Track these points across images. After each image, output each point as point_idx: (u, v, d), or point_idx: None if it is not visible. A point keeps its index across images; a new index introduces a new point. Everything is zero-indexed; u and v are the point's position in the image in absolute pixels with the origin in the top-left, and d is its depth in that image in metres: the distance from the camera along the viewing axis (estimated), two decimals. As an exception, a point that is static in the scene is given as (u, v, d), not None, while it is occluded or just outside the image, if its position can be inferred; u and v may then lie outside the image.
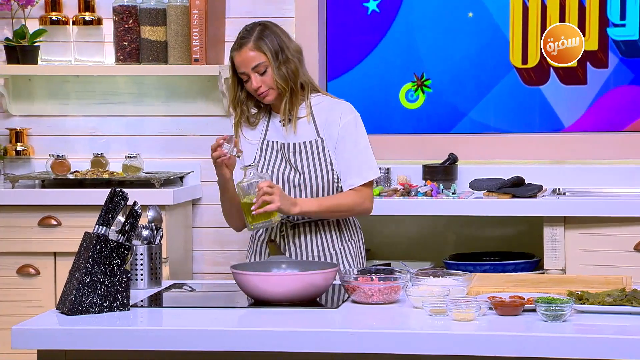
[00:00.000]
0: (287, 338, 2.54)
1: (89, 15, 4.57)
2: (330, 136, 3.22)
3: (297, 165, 3.21)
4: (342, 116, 3.23)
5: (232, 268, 2.88)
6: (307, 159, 3.21)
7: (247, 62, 3.18)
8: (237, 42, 3.22)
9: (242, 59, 3.18)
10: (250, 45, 3.18)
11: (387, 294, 2.80)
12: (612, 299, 2.67)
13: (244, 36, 3.21)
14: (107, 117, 4.66)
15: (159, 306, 2.88)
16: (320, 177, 3.21)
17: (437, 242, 4.52)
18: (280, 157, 3.24)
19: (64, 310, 2.73)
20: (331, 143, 3.23)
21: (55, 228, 4.29)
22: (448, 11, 4.61)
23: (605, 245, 4.07)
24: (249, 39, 3.19)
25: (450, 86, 4.62)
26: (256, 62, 3.18)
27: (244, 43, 3.20)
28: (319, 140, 3.22)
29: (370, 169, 3.24)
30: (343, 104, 3.27)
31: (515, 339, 2.48)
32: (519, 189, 4.20)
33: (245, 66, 3.18)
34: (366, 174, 3.23)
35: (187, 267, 4.59)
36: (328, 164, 3.21)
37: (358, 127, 3.25)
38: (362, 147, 3.23)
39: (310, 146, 3.22)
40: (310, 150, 3.21)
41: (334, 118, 3.22)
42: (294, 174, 3.21)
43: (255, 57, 3.18)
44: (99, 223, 2.78)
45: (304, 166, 3.20)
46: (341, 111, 3.24)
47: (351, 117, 3.24)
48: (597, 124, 4.57)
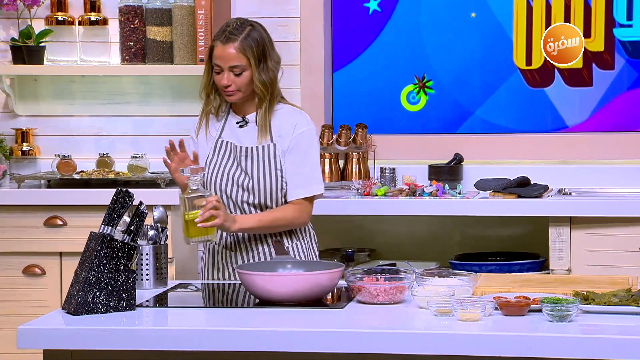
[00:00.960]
0: (293, 338, 2.54)
1: (94, 16, 4.58)
2: (283, 144, 3.21)
3: (247, 169, 3.21)
4: (296, 126, 3.20)
5: (238, 268, 2.88)
6: (257, 164, 3.20)
7: (227, 58, 3.15)
8: (225, 34, 3.15)
9: (224, 53, 3.14)
10: (237, 45, 3.14)
11: (392, 294, 2.79)
12: (618, 299, 2.66)
13: (232, 32, 3.16)
14: (112, 117, 4.67)
15: (164, 306, 2.89)
16: (269, 183, 3.20)
17: (443, 242, 4.52)
18: (232, 159, 3.23)
19: (69, 310, 2.74)
20: (283, 151, 3.21)
21: (61, 228, 4.30)
22: (450, 11, 4.59)
23: (611, 246, 4.06)
24: (237, 37, 3.15)
25: (452, 88, 4.61)
26: (236, 62, 3.15)
27: (231, 39, 3.14)
28: (272, 145, 3.20)
29: (316, 184, 3.22)
30: (300, 115, 3.24)
31: (521, 339, 2.47)
32: (524, 189, 4.19)
33: (224, 61, 3.15)
34: (311, 188, 3.21)
35: (193, 267, 4.59)
36: (278, 171, 3.20)
37: (311, 140, 3.22)
38: (311, 161, 3.21)
39: (262, 151, 3.20)
40: (261, 155, 3.20)
41: (288, 127, 3.21)
42: (244, 177, 3.21)
43: (237, 57, 3.15)
44: (105, 223, 2.78)
45: (253, 170, 3.20)
46: (296, 121, 3.21)
47: (305, 128, 3.21)
48: (603, 127, 4.54)
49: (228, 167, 3.25)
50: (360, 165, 4.53)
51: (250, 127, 3.25)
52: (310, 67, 4.58)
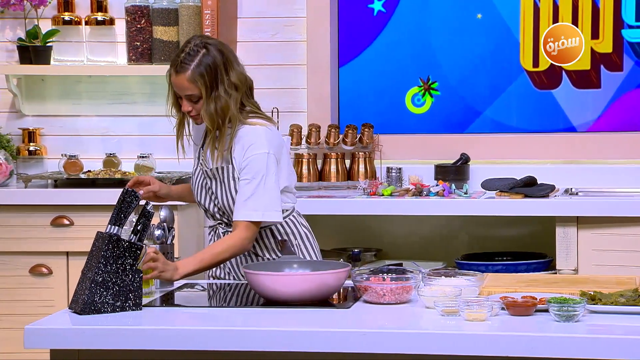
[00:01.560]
0: (299, 338, 2.54)
1: (101, 16, 4.58)
2: (237, 163, 3.13)
3: (209, 189, 3.19)
4: (250, 148, 3.08)
5: (244, 268, 2.88)
6: (219, 184, 3.17)
7: (181, 88, 3.11)
8: (177, 62, 3.07)
9: (177, 83, 3.10)
10: (188, 75, 3.05)
11: (399, 294, 2.79)
12: (625, 299, 2.66)
13: (185, 59, 3.06)
14: (119, 117, 4.67)
15: (171, 306, 2.89)
16: (228, 203, 3.14)
17: (449, 242, 4.51)
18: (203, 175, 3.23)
19: (76, 310, 2.74)
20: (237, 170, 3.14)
21: (68, 228, 4.30)
22: (456, 13, 4.56)
23: (618, 245, 4.05)
24: (189, 67, 3.05)
25: (458, 90, 4.59)
26: (189, 92, 3.10)
27: (183, 69, 3.06)
28: (230, 167, 3.13)
29: (253, 211, 3.05)
30: (257, 136, 3.09)
31: (527, 339, 2.47)
32: (531, 189, 4.19)
33: (179, 90, 3.12)
34: (246, 213, 3.05)
35: (199, 266, 4.59)
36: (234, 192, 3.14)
37: (262, 162, 3.07)
38: (255, 185, 3.06)
39: (221, 172, 3.15)
40: (220, 176, 3.16)
41: (242, 147, 3.09)
42: (207, 198, 3.20)
43: (190, 88, 3.09)
44: (112, 223, 2.78)
45: (217, 191, 3.17)
46: (251, 142, 3.08)
47: (260, 152, 3.07)
48: (610, 127, 4.51)
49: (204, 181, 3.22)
50: (366, 165, 4.53)
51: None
52: (316, 66, 4.58)
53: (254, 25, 4.60)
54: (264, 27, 4.59)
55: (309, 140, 4.46)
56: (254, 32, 4.60)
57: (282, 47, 4.59)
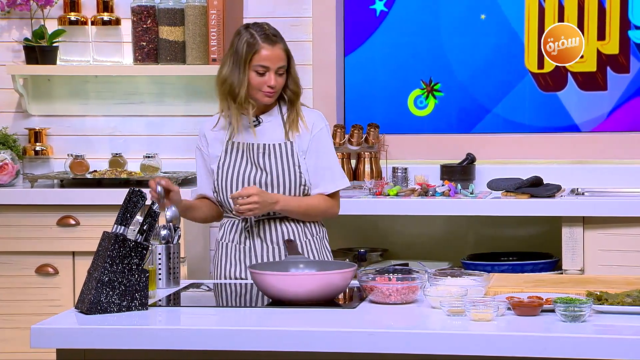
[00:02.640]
0: (305, 338, 2.54)
1: (107, 16, 4.59)
2: (301, 142, 3.28)
3: (265, 166, 3.26)
4: (314, 125, 3.29)
5: (250, 268, 2.88)
6: (276, 161, 3.26)
7: (277, 59, 3.23)
8: (268, 37, 3.24)
9: (273, 54, 3.23)
10: (282, 46, 3.25)
11: (405, 294, 2.79)
12: (631, 299, 2.65)
13: (275, 34, 3.26)
14: (126, 117, 4.67)
15: (177, 306, 2.89)
16: (288, 179, 3.25)
17: (455, 242, 4.51)
18: (245, 159, 3.27)
19: (82, 310, 2.74)
20: (301, 148, 3.29)
21: (74, 227, 4.31)
22: (460, 13, 4.54)
23: (624, 246, 4.05)
24: (281, 40, 3.26)
25: (462, 91, 4.57)
26: (282, 64, 3.24)
27: (277, 41, 3.25)
28: (289, 143, 3.27)
29: (342, 178, 3.33)
30: (314, 113, 3.34)
31: (533, 339, 2.47)
32: (537, 189, 4.18)
33: (273, 62, 3.23)
34: (339, 183, 3.31)
35: (205, 266, 4.59)
36: (297, 167, 3.26)
37: (328, 137, 3.33)
38: (333, 157, 3.32)
39: (280, 148, 3.27)
40: (280, 153, 3.27)
41: (309, 122, 3.29)
42: (261, 174, 3.25)
43: (283, 59, 3.25)
44: (118, 223, 2.79)
45: (272, 167, 3.26)
46: (313, 120, 3.30)
47: (323, 125, 3.31)
48: (616, 127, 4.49)
49: (242, 167, 3.28)
50: (372, 165, 4.52)
51: (264, 126, 3.29)
52: (322, 66, 4.58)
53: (260, 25, 4.60)
54: (270, 27, 4.59)
55: (315, 140, 4.46)
56: (259, 32, 4.60)
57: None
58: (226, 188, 3.27)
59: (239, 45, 3.24)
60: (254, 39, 3.22)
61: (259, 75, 3.23)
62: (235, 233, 3.28)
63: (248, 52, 3.22)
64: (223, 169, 3.28)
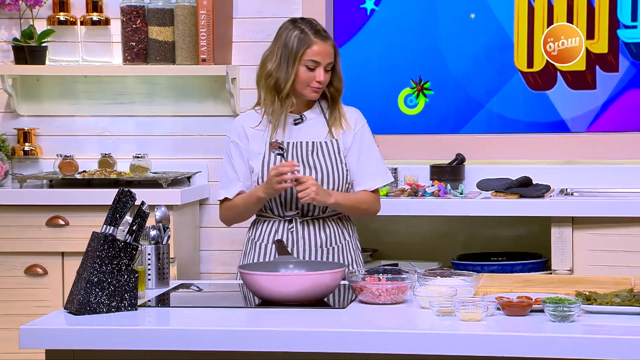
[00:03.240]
0: (295, 338, 2.54)
1: (96, 16, 4.58)
2: (345, 140, 3.32)
3: (314, 164, 3.27)
4: (356, 122, 3.35)
5: (240, 268, 2.88)
6: (324, 158, 3.28)
7: (327, 55, 3.26)
8: (319, 32, 3.27)
9: (325, 50, 3.26)
10: (332, 43, 3.29)
11: (394, 294, 2.79)
12: (620, 299, 2.66)
13: (325, 30, 3.30)
14: (116, 117, 4.67)
15: (166, 306, 2.89)
16: (338, 176, 3.28)
17: (445, 242, 4.52)
18: (291, 156, 3.28)
19: (71, 310, 2.74)
20: (344, 146, 3.32)
21: (63, 228, 4.30)
22: (448, 12, 4.55)
23: (613, 246, 4.06)
24: (329, 37, 3.30)
25: (452, 90, 4.57)
26: (331, 60, 3.28)
27: (328, 37, 3.29)
28: (334, 141, 3.31)
29: (386, 174, 3.38)
30: (354, 111, 3.39)
31: (523, 339, 2.47)
32: (526, 189, 4.19)
33: (324, 58, 3.26)
34: (382, 179, 3.35)
35: (195, 267, 4.59)
36: (344, 165, 3.30)
37: (370, 133, 3.39)
38: (376, 152, 3.37)
39: (327, 146, 3.30)
40: (327, 150, 3.29)
41: (351, 119, 3.34)
42: (309, 172, 3.26)
43: (332, 55, 3.28)
44: (107, 223, 2.78)
45: (321, 164, 3.27)
46: (355, 117, 3.36)
47: (364, 122, 3.38)
48: (605, 128, 4.50)
49: None
50: (362, 165, 4.52)
51: (307, 123, 3.31)
52: (312, 67, 4.57)
53: (250, 25, 4.60)
54: (260, 27, 4.59)
55: (305, 140, 4.46)
56: (249, 32, 4.60)
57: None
58: None
59: (288, 40, 3.25)
60: (305, 34, 3.24)
61: (309, 70, 3.24)
62: (276, 234, 3.27)
63: (300, 47, 3.24)
64: (268, 167, 3.26)
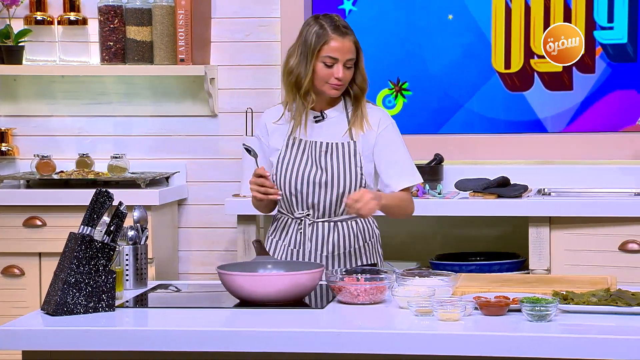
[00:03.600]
0: (273, 338, 2.54)
1: (74, 15, 4.56)
2: (365, 142, 3.23)
3: (325, 165, 3.20)
4: (379, 123, 3.24)
5: (218, 268, 2.88)
6: (337, 160, 3.21)
7: (346, 51, 3.17)
8: (338, 28, 3.17)
9: (343, 46, 3.17)
10: (353, 39, 3.18)
11: (373, 294, 2.80)
12: (596, 299, 2.68)
13: (345, 26, 3.19)
14: (93, 117, 4.65)
15: (144, 307, 2.88)
16: (348, 179, 3.20)
17: (423, 242, 4.52)
18: (306, 156, 3.22)
19: (48, 311, 2.73)
20: (366, 147, 3.23)
21: (40, 228, 4.28)
22: (426, 13, 4.55)
23: (590, 246, 4.08)
24: (351, 33, 3.19)
25: (430, 90, 4.57)
26: (351, 56, 3.17)
27: (348, 33, 3.18)
28: (352, 143, 3.22)
29: (416, 173, 3.28)
30: (379, 110, 3.28)
31: (500, 339, 2.48)
32: (504, 189, 4.21)
33: (342, 54, 3.17)
34: (413, 178, 3.26)
35: (173, 267, 4.58)
36: (358, 168, 3.21)
37: (397, 133, 3.28)
38: (405, 152, 3.26)
39: (342, 148, 3.21)
40: (342, 152, 3.21)
41: (370, 124, 3.23)
42: (321, 174, 3.20)
43: (352, 51, 3.18)
44: (84, 223, 2.77)
45: (333, 166, 3.20)
46: (379, 117, 3.25)
47: (390, 122, 3.26)
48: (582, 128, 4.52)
49: (302, 164, 3.21)
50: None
51: (327, 121, 3.24)
52: (290, 67, 4.57)
53: (228, 25, 4.59)
54: (238, 27, 4.58)
55: (283, 140, 4.45)
56: (228, 32, 4.59)
57: (257, 48, 4.58)
58: (284, 184, 3.20)
59: (307, 36, 3.18)
60: (323, 30, 3.16)
61: (326, 66, 3.16)
62: (286, 234, 3.25)
63: (317, 43, 3.16)
64: (283, 164, 3.22)
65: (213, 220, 4.60)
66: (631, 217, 4.06)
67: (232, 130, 4.58)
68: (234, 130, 4.57)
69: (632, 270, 4.03)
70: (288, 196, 3.21)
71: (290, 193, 3.21)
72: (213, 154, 4.61)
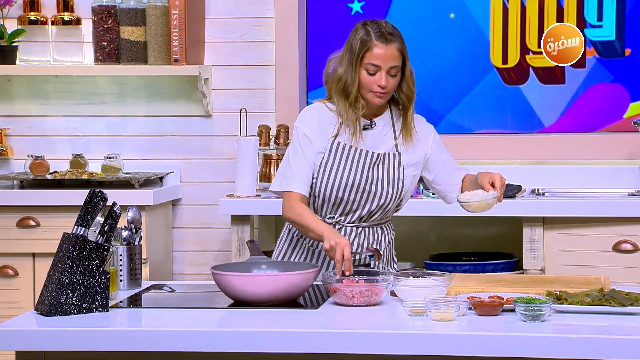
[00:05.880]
0: (267, 339, 2.54)
1: (67, 15, 4.56)
2: (413, 153, 3.19)
3: (370, 175, 3.15)
4: (426, 134, 3.22)
5: (213, 269, 2.88)
6: (383, 171, 3.16)
7: (389, 59, 3.10)
8: (383, 34, 3.10)
9: (386, 53, 3.09)
10: (397, 46, 3.10)
11: (368, 297, 2.79)
12: (590, 299, 2.68)
13: (391, 32, 3.11)
14: (87, 118, 4.64)
15: (138, 307, 2.88)
16: (391, 190, 3.16)
17: (417, 243, 4.53)
18: (350, 163, 3.15)
19: (42, 312, 2.72)
20: (413, 159, 3.19)
21: (34, 229, 4.27)
22: (430, 13, 4.63)
23: (583, 246, 4.09)
24: (397, 39, 3.11)
25: (432, 86, 4.63)
26: (396, 64, 3.10)
27: (392, 40, 3.10)
28: (397, 154, 3.17)
29: None
30: (422, 120, 3.26)
31: (494, 339, 2.48)
32: (498, 190, 4.21)
33: (385, 62, 3.10)
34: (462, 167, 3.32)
35: (167, 267, 4.58)
36: (401, 180, 3.17)
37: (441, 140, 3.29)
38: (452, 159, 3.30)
39: (388, 158, 3.17)
40: (387, 163, 3.16)
41: (420, 136, 3.20)
42: (365, 183, 3.14)
43: (397, 59, 3.10)
44: (78, 224, 2.77)
45: (379, 177, 3.15)
46: (426, 130, 3.23)
47: (435, 131, 3.26)
48: (576, 122, 4.60)
49: (346, 172, 3.14)
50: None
51: (375, 131, 3.18)
52: (285, 67, 4.58)
53: (222, 25, 4.59)
54: (232, 27, 4.58)
55: (278, 140, 4.45)
56: (222, 32, 4.59)
57: (251, 48, 4.58)
58: (325, 191, 3.14)
59: (353, 42, 3.11)
60: (368, 36, 3.09)
61: (369, 74, 3.10)
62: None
63: (360, 50, 3.09)
64: (325, 169, 3.15)
65: (207, 220, 4.60)
66: (625, 217, 4.07)
67: (226, 130, 4.58)
68: (228, 130, 4.57)
69: (625, 270, 4.04)
70: (326, 201, 3.15)
71: (327, 198, 3.14)
72: (207, 154, 4.61)
